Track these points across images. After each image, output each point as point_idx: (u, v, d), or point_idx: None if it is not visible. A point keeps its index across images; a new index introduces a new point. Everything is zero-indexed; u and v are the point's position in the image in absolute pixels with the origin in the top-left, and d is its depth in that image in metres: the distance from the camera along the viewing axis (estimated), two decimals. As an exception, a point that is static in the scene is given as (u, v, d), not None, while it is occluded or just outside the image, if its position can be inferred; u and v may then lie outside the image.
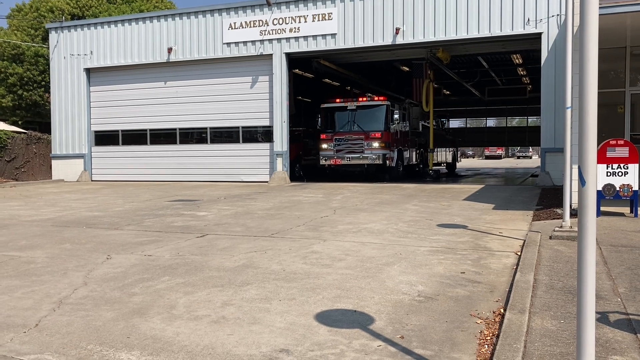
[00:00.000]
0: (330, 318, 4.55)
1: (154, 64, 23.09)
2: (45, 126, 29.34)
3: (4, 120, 30.34)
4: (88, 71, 24.39)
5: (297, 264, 6.57)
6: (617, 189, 9.47)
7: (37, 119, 32.41)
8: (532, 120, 38.07)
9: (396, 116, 20.99)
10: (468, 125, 40.94)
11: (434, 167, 24.21)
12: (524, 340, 3.86)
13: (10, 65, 30.57)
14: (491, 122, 41.15)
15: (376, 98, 21.81)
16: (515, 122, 40.00)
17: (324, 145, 21.23)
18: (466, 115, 38.76)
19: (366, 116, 20.96)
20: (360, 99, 21.84)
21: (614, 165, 9.43)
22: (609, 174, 9.48)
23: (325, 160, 21.12)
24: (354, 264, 6.53)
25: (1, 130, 24.37)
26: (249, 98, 21.69)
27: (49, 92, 26.57)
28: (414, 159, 24.13)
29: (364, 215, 10.91)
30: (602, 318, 4.30)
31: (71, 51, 24.40)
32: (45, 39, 29.74)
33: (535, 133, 36.24)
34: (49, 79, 25.78)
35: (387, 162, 20.55)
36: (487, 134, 40.11)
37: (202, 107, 22.47)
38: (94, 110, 24.51)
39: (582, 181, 2.75)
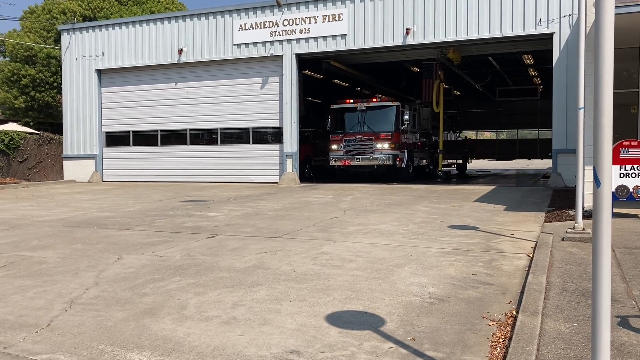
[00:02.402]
0: (340, 319, 4.53)
1: (164, 65, 23.20)
2: (57, 127, 29.55)
3: (16, 122, 30.57)
4: (99, 72, 24.54)
5: (307, 265, 6.56)
6: (631, 190, 9.38)
7: (49, 120, 32.65)
8: (543, 133, 37.92)
9: (406, 117, 20.91)
10: (479, 137, 40.82)
11: (444, 168, 24.10)
12: (536, 342, 3.83)
13: (23, 66, 30.82)
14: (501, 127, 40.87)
15: (386, 99, 21.77)
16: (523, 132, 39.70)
17: (334, 146, 21.21)
18: (477, 127, 38.72)
19: (376, 117, 20.92)
20: (371, 100, 21.79)
21: (627, 166, 9.34)
22: (622, 175, 9.39)
23: (335, 161, 21.09)
24: (364, 265, 6.50)
25: (14, 131, 24.58)
26: (259, 99, 21.72)
27: (61, 94, 26.77)
28: (424, 160, 24.03)
29: (374, 217, 10.88)
30: (617, 321, 4.25)
31: (83, 52, 24.57)
32: (57, 40, 29.96)
33: (546, 145, 36.00)
34: (61, 80, 25.97)
35: (397, 163, 20.48)
36: (498, 146, 40.00)
37: (212, 108, 22.54)
38: (105, 111, 24.67)
39: (597, 182, 2.71)
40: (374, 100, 21.81)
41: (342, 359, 3.74)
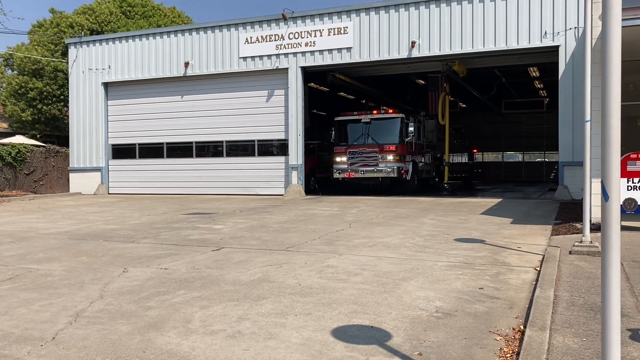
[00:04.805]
0: (346, 334, 4.49)
1: (170, 78, 23.35)
2: (63, 140, 29.71)
3: (23, 134, 30.78)
4: (106, 85, 24.72)
5: (312, 278, 6.53)
6: (639, 203, 9.31)
7: (56, 132, 32.85)
8: (548, 155, 38.29)
9: (411, 129, 20.88)
10: (485, 160, 41.20)
11: (450, 181, 24.05)
12: (545, 358, 3.78)
13: (30, 80, 31.08)
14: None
15: (390, 111, 21.74)
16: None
17: (338, 159, 21.15)
18: (482, 148, 39.34)
19: (381, 129, 20.89)
20: (375, 112, 21.78)
21: (634, 179, 9.28)
22: (629, 188, 9.33)
23: (339, 173, 21.00)
24: (370, 278, 6.47)
25: (21, 144, 24.72)
26: (265, 112, 21.81)
27: (68, 106, 26.95)
28: (429, 172, 23.99)
29: (379, 229, 10.84)
30: (627, 336, 4.20)
31: (89, 66, 24.77)
32: (64, 54, 30.23)
33: (551, 168, 36.02)
34: (68, 93, 26.17)
35: (402, 175, 20.42)
36: (505, 169, 40.21)
37: (218, 120, 22.63)
38: (111, 123, 24.81)
39: (605, 196, 2.69)
40: (378, 112, 21.79)
41: (348, 374, 3.70)
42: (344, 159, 20.98)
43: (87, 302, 5.63)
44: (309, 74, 21.66)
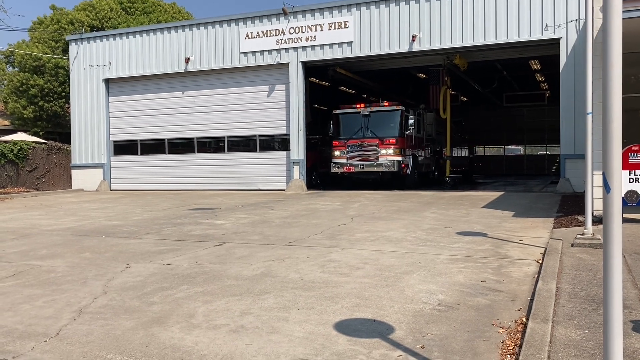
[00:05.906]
0: (349, 327, 4.51)
1: (171, 74, 23.33)
2: (65, 136, 29.73)
3: (25, 131, 30.80)
4: (107, 82, 24.71)
5: (315, 272, 6.55)
6: (640, 195, 9.30)
7: (58, 129, 32.86)
8: (550, 148, 38.42)
9: (411, 122, 20.71)
10: (487, 154, 41.37)
11: (451, 175, 24.01)
12: (547, 350, 3.79)
13: (31, 77, 31.07)
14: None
15: (390, 104, 21.59)
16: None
17: (337, 153, 20.94)
18: (485, 143, 39.48)
19: (380, 122, 20.74)
20: (374, 105, 21.64)
21: (636, 171, 9.27)
22: (631, 180, 9.32)
23: (338, 167, 20.75)
24: (372, 272, 6.48)
25: (22, 141, 24.76)
26: (266, 107, 21.79)
27: (69, 103, 26.96)
28: (429, 166, 23.93)
29: (381, 223, 10.85)
30: (629, 328, 4.21)
31: (90, 62, 24.76)
32: (65, 50, 30.21)
33: (553, 161, 36.06)
34: (69, 90, 26.18)
35: (403, 169, 20.32)
36: (506, 162, 40.30)
37: (219, 116, 22.63)
38: (112, 120, 24.82)
39: (606, 188, 2.69)
40: (377, 105, 21.64)
41: (351, 367, 3.72)
42: (343, 152, 20.84)
43: (91, 297, 5.65)
44: (309, 68, 21.62)
